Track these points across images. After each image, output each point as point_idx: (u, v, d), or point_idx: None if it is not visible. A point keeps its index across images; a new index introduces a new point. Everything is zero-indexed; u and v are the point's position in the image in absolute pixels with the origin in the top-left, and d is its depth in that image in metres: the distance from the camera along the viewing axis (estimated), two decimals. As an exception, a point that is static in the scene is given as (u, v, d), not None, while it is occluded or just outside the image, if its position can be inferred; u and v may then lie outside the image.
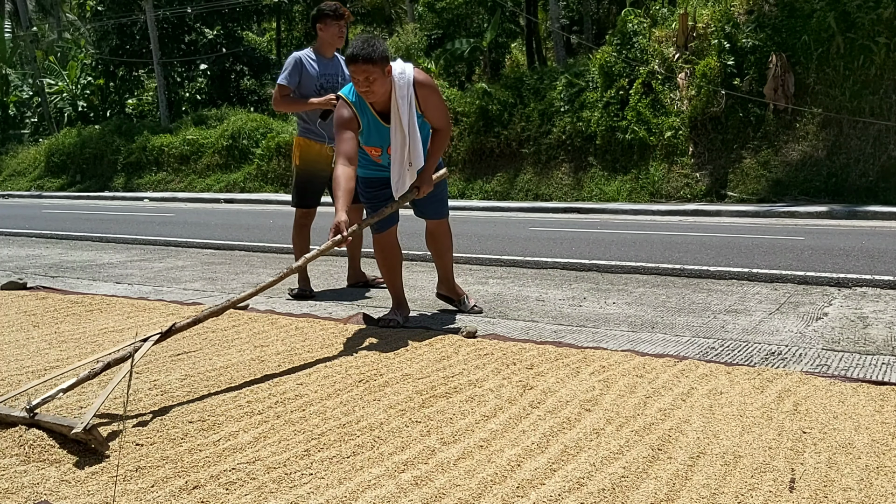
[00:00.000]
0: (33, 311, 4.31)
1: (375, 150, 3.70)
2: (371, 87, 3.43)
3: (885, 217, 9.82)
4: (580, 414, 2.49)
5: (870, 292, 4.73)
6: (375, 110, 3.59)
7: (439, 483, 1.99)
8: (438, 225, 4.09)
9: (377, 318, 3.91)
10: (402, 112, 3.53)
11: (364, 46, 3.38)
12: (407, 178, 3.69)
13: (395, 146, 3.60)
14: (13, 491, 1.98)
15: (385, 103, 3.56)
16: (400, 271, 4.04)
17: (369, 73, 3.39)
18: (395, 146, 3.60)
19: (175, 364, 3.17)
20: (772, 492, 1.91)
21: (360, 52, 3.36)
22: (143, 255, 7.25)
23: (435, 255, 4.23)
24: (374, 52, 3.37)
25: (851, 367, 3.03)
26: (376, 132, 3.64)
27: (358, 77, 3.41)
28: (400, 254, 4.03)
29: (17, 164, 23.57)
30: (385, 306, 4.45)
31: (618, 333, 3.71)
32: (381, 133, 3.63)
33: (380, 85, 3.44)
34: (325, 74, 4.73)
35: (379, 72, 3.41)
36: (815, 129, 12.01)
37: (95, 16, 24.30)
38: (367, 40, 3.42)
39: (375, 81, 3.42)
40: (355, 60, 3.37)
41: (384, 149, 3.68)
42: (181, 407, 2.62)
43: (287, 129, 18.29)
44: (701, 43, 13.50)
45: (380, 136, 3.65)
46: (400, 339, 3.53)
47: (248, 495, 1.94)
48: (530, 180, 14.41)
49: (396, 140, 3.59)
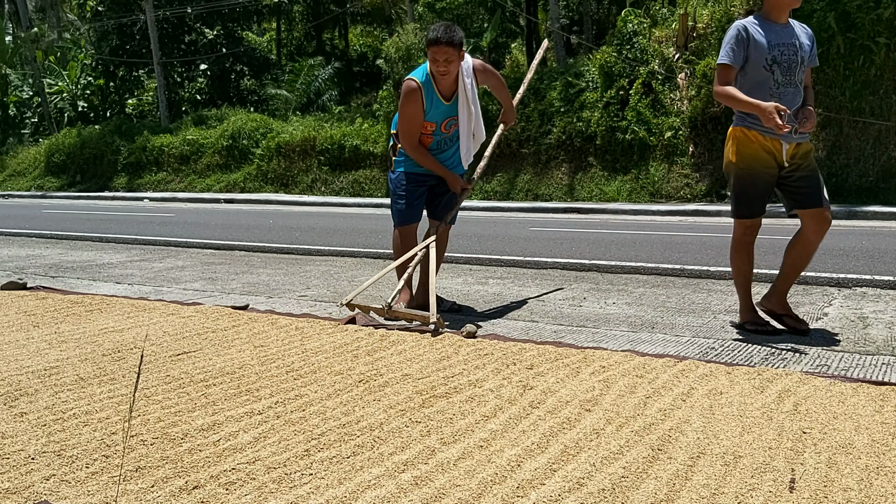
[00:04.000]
0: (33, 311, 4.31)
1: (431, 125, 4.11)
2: (448, 68, 3.95)
3: (885, 217, 9.82)
4: (580, 414, 2.49)
5: (870, 292, 4.73)
6: (440, 91, 4.04)
7: (439, 483, 1.99)
8: (445, 231, 4.35)
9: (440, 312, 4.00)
10: (469, 91, 4.07)
11: (447, 31, 3.90)
12: (472, 147, 4.25)
13: (463, 120, 4.14)
14: (13, 491, 1.98)
15: (450, 85, 4.06)
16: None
17: (449, 55, 3.91)
18: (463, 120, 4.14)
19: (175, 364, 3.17)
20: (772, 492, 1.91)
21: (443, 36, 3.88)
22: (143, 255, 7.25)
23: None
24: (455, 37, 3.91)
25: (851, 367, 3.03)
26: (436, 109, 4.08)
27: (438, 58, 3.92)
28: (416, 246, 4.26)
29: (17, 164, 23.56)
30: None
31: (618, 333, 3.71)
32: (440, 109, 4.08)
33: (455, 66, 3.97)
34: (780, 45, 3.55)
35: (457, 55, 3.95)
36: (815, 130, 12.00)
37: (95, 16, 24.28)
38: (449, 27, 3.95)
39: (452, 62, 3.95)
40: (439, 42, 3.88)
41: (439, 124, 4.12)
42: (181, 407, 2.62)
43: (287, 129, 18.29)
44: (701, 43, 13.50)
45: (438, 112, 4.08)
46: (400, 339, 3.53)
47: (248, 495, 1.94)
48: (530, 180, 14.40)
49: (464, 115, 4.12)
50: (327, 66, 22.05)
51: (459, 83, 4.05)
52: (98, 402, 2.66)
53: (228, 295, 4.93)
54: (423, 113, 4.03)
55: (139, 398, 2.71)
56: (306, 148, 17.49)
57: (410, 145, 4.10)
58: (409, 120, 4.06)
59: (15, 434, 2.38)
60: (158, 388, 2.83)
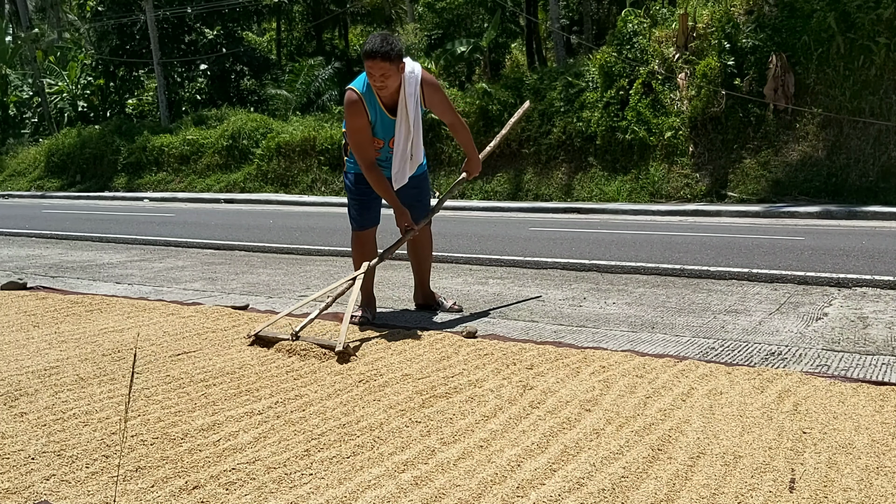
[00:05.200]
0: (33, 311, 4.31)
1: (378, 142, 3.83)
2: (385, 83, 3.62)
3: (885, 217, 9.82)
4: (580, 414, 2.49)
5: (870, 292, 4.72)
6: (383, 103, 3.74)
7: (439, 483, 1.99)
8: (422, 231, 4.15)
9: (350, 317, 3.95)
10: (409, 107, 3.73)
11: (383, 44, 3.56)
12: (407, 170, 3.89)
13: (399, 139, 3.78)
14: (13, 491, 1.98)
15: (392, 97, 3.73)
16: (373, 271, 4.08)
17: (385, 70, 3.57)
18: (399, 139, 3.78)
19: (175, 364, 3.17)
20: (772, 492, 1.91)
21: (378, 49, 3.54)
22: (143, 255, 7.25)
23: (415, 261, 4.27)
24: (392, 51, 3.56)
25: (851, 367, 3.03)
26: (381, 125, 3.79)
27: (374, 73, 3.59)
28: (376, 252, 4.08)
29: (17, 165, 23.55)
30: (383, 307, 4.45)
31: (618, 333, 3.71)
32: (386, 125, 3.79)
33: (393, 80, 3.64)
34: None
35: (394, 69, 3.61)
36: (815, 130, 12.00)
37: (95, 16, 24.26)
38: (386, 38, 3.60)
39: (390, 77, 3.61)
40: (374, 56, 3.55)
41: (387, 141, 3.83)
42: (181, 407, 2.62)
43: (287, 128, 18.29)
44: (701, 43, 13.49)
45: (384, 128, 3.79)
46: (400, 340, 3.54)
47: (248, 495, 1.94)
48: (530, 180, 14.40)
49: (401, 133, 3.77)
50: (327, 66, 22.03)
51: (401, 96, 3.70)
52: (98, 402, 2.66)
53: (228, 295, 4.93)
54: (369, 124, 3.72)
55: (139, 398, 2.71)
56: (306, 148, 17.48)
57: (364, 163, 3.76)
58: (355, 132, 3.73)
59: (15, 434, 2.38)
60: (158, 388, 2.83)
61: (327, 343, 3.32)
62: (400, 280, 5.42)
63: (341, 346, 3.21)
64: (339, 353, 3.20)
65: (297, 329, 3.45)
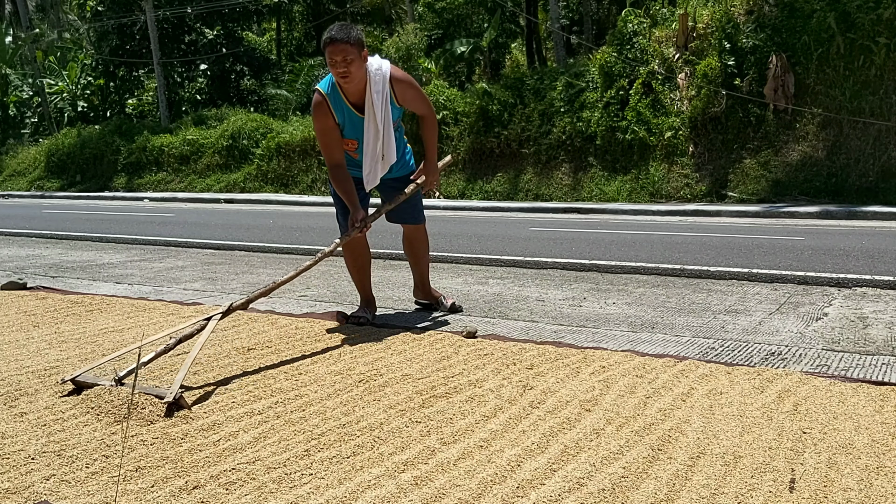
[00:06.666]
0: (33, 311, 4.31)
1: (352, 142, 3.76)
2: (349, 69, 3.49)
3: (885, 217, 9.82)
4: (580, 414, 2.49)
5: (870, 292, 4.72)
6: (350, 102, 3.64)
7: (439, 483, 1.99)
8: (416, 230, 4.14)
9: (348, 315, 3.98)
10: (376, 106, 3.61)
11: (341, 29, 3.50)
12: (378, 170, 3.80)
13: (369, 139, 3.69)
14: (13, 491, 1.98)
15: (359, 94, 3.62)
16: (369, 271, 4.09)
17: (347, 52, 3.46)
18: (369, 139, 3.69)
19: (175, 364, 3.17)
20: (772, 492, 1.91)
21: (337, 34, 3.48)
22: (143, 255, 7.25)
23: (412, 260, 4.27)
24: (350, 35, 3.48)
25: (851, 367, 3.03)
26: (351, 125, 3.70)
27: (336, 58, 3.48)
28: (369, 253, 4.08)
29: (17, 164, 23.55)
30: (383, 307, 4.45)
31: (618, 333, 3.71)
32: (356, 125, 3.70)
33: (357, 67, 3.51)
34: None
35: (356, 53, 3.49)
36: (815, 130, 12.01)
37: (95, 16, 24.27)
38: (343, 25, 3.54)
39: (353, 62, 3.49)
40: (333, 41, 3.47)
41: (360, 140, 3.74)
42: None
43: (287, 128, 18.29)
44: (701, 43, 13.50)
45: (354, 128, 3.71)
46: (400, 340, 3.53)
47: (248, 495, 1.94)
48: (530, 180, 14.40)
49: (370, 133, 3.67)
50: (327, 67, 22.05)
51: (367, 94, 3.60)
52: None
53: (228, 295, 4.93)
54: (336, 126, 3.66)
55: (139, 398, 2.70)
56: (306, 148, 17.49)
57: (329, 164, 3.73)
58: (321, 133, 3.70)
59: (15, 434, 2.38)
60: (158, 388, 2.82)
61: (155, 392, 2.66)
62: (400, 280, 5.42)
63: (172, 396, 2.58)
64: (168, 405, 2.56)
65: (120, 375, 2.80)
